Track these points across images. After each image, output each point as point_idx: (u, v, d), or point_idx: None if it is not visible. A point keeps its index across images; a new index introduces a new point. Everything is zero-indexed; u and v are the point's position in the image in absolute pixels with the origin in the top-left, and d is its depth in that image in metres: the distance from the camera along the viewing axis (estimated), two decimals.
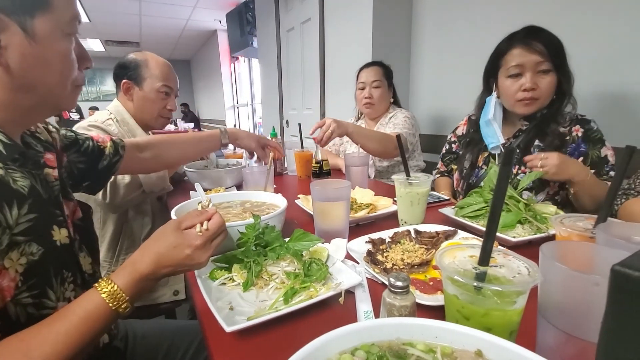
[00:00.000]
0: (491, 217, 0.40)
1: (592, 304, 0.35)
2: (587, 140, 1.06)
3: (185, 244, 0.56)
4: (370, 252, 0.76)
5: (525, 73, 1.05)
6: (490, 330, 0.40)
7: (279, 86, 3.33)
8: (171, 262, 0.56)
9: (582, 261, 0.40)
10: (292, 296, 0.56)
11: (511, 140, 1.16)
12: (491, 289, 0.38)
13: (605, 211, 0.53)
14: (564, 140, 1.07)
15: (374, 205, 1.05)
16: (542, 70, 1.04)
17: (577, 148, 1.06)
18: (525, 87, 1.05)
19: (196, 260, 0.57)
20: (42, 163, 0.63)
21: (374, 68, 1.69)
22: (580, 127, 1.07)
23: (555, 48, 1.03)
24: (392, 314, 0.47)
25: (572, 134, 1.07)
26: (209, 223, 0.59)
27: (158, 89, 1.33)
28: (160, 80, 1.33)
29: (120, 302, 0.51)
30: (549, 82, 1.04)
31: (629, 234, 0.48)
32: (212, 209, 0.64)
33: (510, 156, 0.38)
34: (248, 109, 6.81)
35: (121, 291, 0.52)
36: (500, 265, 0.43)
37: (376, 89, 1.67)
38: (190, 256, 0.56)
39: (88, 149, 0.86)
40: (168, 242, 0.56)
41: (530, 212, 0.85)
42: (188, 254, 0.56)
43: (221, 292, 0.61)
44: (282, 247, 0.63)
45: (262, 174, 1.05)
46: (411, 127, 1.62)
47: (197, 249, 0.57)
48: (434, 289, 0.63)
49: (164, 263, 0.55)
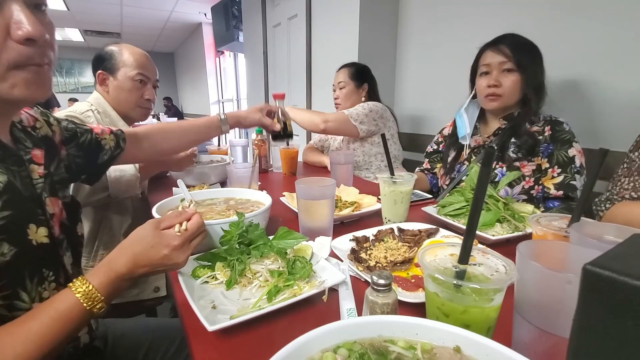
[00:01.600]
0: (471, 216, 0.41)
1: (565, 301, 0.36)
2: (555, 140, 1.11)
3: (163, 244, 0.56)
4: (354, 250, 0.77)
5: (491, 71, 1.16)
6: (468, 326, 0.41)
7: (264, 82, 3.30)
8: (148, 262, 0.55)
9: (556, 260, 0.42)
10: (275, 294, 0.56)
11: (491, 138, 1.23)
12: (470, 286, 0.39)
13: (578, 211, 0.55)
14: (536, 140, 1.12)
15: (358, 203, 1.05)
16: (506, 69, 1.13)
17: (547, 147, 1.11)
18: (490, 83, 1.15)
19: (174, 261, 0.57)
20: (27, 159, 0.60)
21: (342, 70, 1.76)
22: (551, 128, 1.12)
23: (520, 50, 1.12)
24: (375, 312, 0.48)
25: (545, 133, 1.12)
26: (188, 223, 0.59)
27: (132, 77, 1.31)
28: (135, 69, 1.31)
29: (95, 302, 0.50)
30: (512, 80, 1.13)
31: (600, 233, 0.50)
32: (191, 209, 0.64)
33: (490, 157, 0.39)
34: (233, 104, 6.72)
35: (96, 291, 0.51)
36: (479, 263, 0.44)
37: (341, 90, 1.74)
38: (167, 256, 0.56)
39: (85, 143, 0.83)
40: (145, 242, 0.55)
41: (509, 211, 0.87)
42: (165, 254, 0.56)
43: (204, 290, 0.60)
44: (266, 245, 0.63)
45: (246, 171, 1.04)
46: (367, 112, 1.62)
47: (174, 250, 0.56)
48: (415, 286, 0.64)
49: (141, 263, 0.55)
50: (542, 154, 1.12)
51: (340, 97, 1.75)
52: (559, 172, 1.09)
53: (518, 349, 0.43)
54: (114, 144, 0.89)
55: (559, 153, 1.09)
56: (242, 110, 1.20)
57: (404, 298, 0.57)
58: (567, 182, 1.08)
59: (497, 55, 1.14)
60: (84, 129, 0.84)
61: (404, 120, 2.19)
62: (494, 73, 1.15)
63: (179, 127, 1.06)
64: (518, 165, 1.15)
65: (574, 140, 1.10)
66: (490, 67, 1.16)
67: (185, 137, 1.06)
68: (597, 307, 0.26)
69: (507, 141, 1.16)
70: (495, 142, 1.19)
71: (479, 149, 1.26)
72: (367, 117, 1.61)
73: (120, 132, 0.93)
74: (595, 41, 1.29)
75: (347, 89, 1.73)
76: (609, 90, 1.27)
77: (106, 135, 0.89)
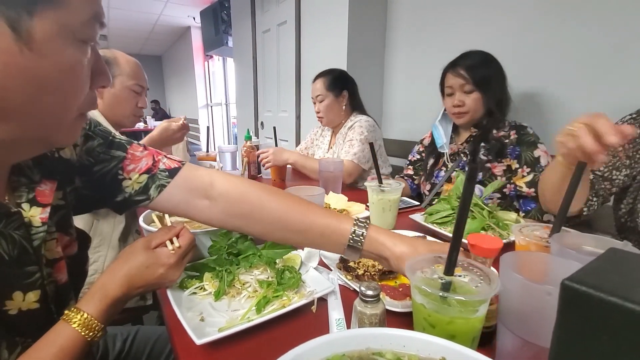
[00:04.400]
0: (456, 228, 0.42)
1: (545, 312, 0.38)
2: (521, 143, 1.20)
3: (159, 264, 0.56)
4: (342, 258, 0.77)
5: (455, 92, 1.27)
6: (454, 337, 0.42)
7: (254, 87, 3.30)
8: (144, 282, 0.55)
9: (538, 271, 0.43)
10: (264, 305, 0.56)
11: (464, 144, 1.35)
12: (455, 298, 0.40)
13: (559, 222, 0.57)
14: (503, 143, 1.23)
15: (347, 211, 1.06)
16: (466, 90, 1.24)
17: (513, 150, 1.21)
18: (455, 103, 1.27)
19: (169, 278, 0.57)
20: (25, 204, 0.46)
21: (317, 81, 1.69)
22: (516, 132, 1.22)
23: (477, 70, 1.22)
24: (363, 322, 0.48)
25: (510, 137, 1.22)
26: (180, 240, 0.59)
27: (130, 87, 1.32)
28: (132, 79, 1.32)
29: (96, 330, 0.49)
30: (473, 99, 1.24)
31: (579, 244, 0.52)
32: (179, 223, 0.63)
33: (474, 173, 0.40)
34: (222, 108, 6.69)
35: (94, 319, 0.49)
36: (464, 274, 0.45)
37: (321, 103, 1.68)
38: (163, 275, 0.56)
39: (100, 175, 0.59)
40: (139, 263, 0.55)
41: (494, 219, 0.90)
42: (161, 273, 0.56)
43: (192, 301, 0.60)
44: (255, 255, 0.63)
45: None
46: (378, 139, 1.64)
47: (170, 268, 0.57)
48: (403, 295, 0.65)
49: (136, 284, 0.54)
50: (510, 156, 1.22)
51: (322, 111, 1.69)
52: (528, 171, 1.18)
53: (501, 357, 0.44)
54: (139, 189, 0.59)
55: (526, 154, 1.19)
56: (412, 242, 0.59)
57: (392, 307, 0.58)
58: (536, 180, 1.16)
59: (456, 77, 1.24)
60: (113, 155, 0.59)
61: (393, 127, 2.22)
62: (457, 94, 1.26)
63: (293, 217, 0.60)
64: (489, 167, 1.24)
65: (538, 142, 1.19)
66: (452, 89, 1.27)
67: (293, 239, 0.62)
68: (575, 321, 0.27)
69: (478, 146, 1.28)
70: (468, 148, 1.32)
71: (455, 155, 1.36)
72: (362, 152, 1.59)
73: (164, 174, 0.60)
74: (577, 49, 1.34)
75: (327, 101, 1.67)
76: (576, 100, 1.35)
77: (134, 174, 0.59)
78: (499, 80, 1.25)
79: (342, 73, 1.73)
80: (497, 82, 1.24)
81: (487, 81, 1.22)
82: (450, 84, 1.27)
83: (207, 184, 0.61)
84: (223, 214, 0.60)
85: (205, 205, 0.61)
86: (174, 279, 0.58)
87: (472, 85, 1.22)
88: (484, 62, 1.24)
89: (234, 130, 6.27)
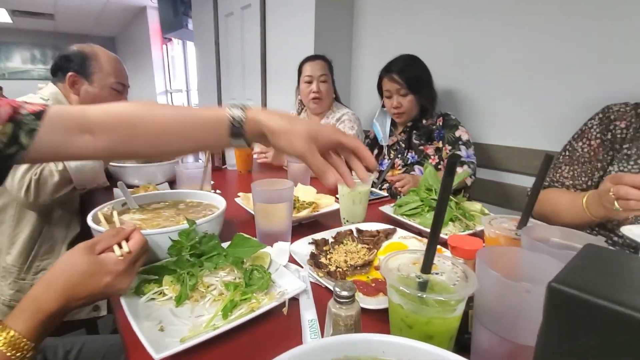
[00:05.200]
0: (434, 224, 0.41)
1: (523, 310, 0.37)
2: (445, 126, 1.46)
3: (104, 271, 0.50)
4: (313, 254, 0.74)
5: (392, 96, 1.46)
6: (432, 338, 0.41)
7: (217, 73, 3.15)
8: (86, 293, 0.49)
9: (512, 266, 0.43)
10: (231, 310, 0.52)
11: (402, 135, 1.56)
12: (435, 298, 0.38)
13: (526, 214, 0.58)
14: (431, 131, 1.48)
15: (316, 203, 1.04)
16: (401, 94, 1.44)
17: (439, 133, 1.47)
18: (394, 105, 1.46)
19: (117, 287, 0.52)
20: None
21: (320, 62, 1.66)
22: (442, 119, 1.47)
23: (410, 75, 1.41)
24: (338, 324, 0.46)
25: (437, 124, 1.48)
26: (130, 244, 0.54)
27: (111, 85, 1.24)
28: (114, 77, 1.24)
29: (25, 350, 0.42)
30: (409, 100, 1.45)
31: (547, 236, 0.53)
32: (129, 224, 0.57)
33: (453, 166, 0.38)
34: (183, 95, 6.36)
35: (22, 337, 0.42)
36: (440, 272, 0.44)
37: (324, 84, 1.65)
38: (110, 284, 0.51)
39: None
40: (81, 271, 0.48)
41: (460, 210, 0.91)
42: (108, 282, 0.50)
43: (150, 309, 0.55)
44: (220, 255, 0.59)
45: (198, 171, 0.97)
46: (360, 134, 1.68)
47: (118, 276, 0.51)
48: (376, 290, 0.64)
49: (77, 295, 0.48)
50: (436, 138, 1.47)
51: (323, 92, 1.65)
52: (450, 149, 1.44)
53: (477, 355, 0.44)
54: (7, 140, 0.52)
55: (448, 135, 1.44)
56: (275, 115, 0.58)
57: (367, 305, 0.56)
58: (454, 153, 1.38)
59: (392, 83, 1.43)
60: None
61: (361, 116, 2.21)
62: (395, 97, 1.45)
63: (159, 120, 0.58)
64: (422, 149, 1.48)
65: (459, 124, 1.45)
66: (390, 92, 1.46)
67: (169, 142, 0.59)
68: (562, 323, 0.26)
69: (411, 135, 1.52)
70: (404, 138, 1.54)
71: (394, 145, 1.58)
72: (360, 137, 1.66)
73: (30, 117, 0.53)
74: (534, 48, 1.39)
75: (329, 83, 1.66)
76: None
77: None
78: (427, 81, 1.46)
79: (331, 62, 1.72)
80: (426, 83, 1.46)
81: (419, 84, 1.43)
82: (387, 87, 1.45)
83: (81, 117, 0.56)
84: (108, 141, 0.56)
85: (87, 140, 0.56)
86: (123, 287, 0.52)
87: (406, 89, 1.41)
88: (413, 65, 1.44)
89: None
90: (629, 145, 0.88)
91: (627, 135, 0.90)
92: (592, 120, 0.98)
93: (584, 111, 1.10)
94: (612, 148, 0.93)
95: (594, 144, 0.96)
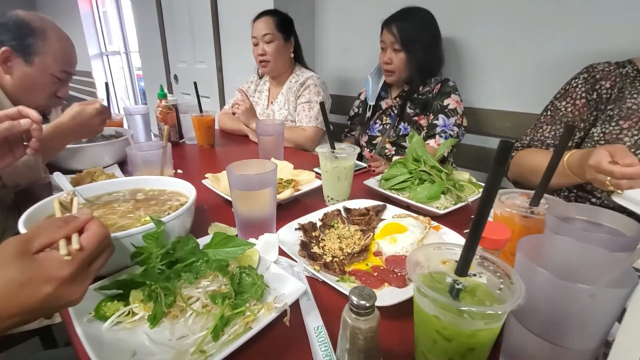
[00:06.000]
0: (476, 222, 0.34)
1: (586, 314, 0.32)
2: (439, 94, 1.30)
3: (42, 279, 0.36)
4: (304, 243, 0.66)
5: (386, 49, 1.31)
6: (473, 350, 0.35)
7: (160, 32, 2.79)
8: (18, 309, 0.35)
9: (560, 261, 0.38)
10: (222, 328, 0.43)
11: (397, 99, 1.41)
12: (488, 312, 0.32)
13: (541, 189, 0.53)
14: (427, 100, 1.32)
15: (295, 181, 0.94)
16: (395, 48, 1.28)
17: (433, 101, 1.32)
18: (385, 60, 1.31)
19: (65, 300, 0.38)
20: None
21: (265, 19, 1.46)
22: (440, 86, 1.30)
23: (407, 33, 1.25)
24: (357, 338, 0.39)
25: (434, 91, 1.31)
26: (83, 238, 0.39)
27: (54, 73, 1.04)
28: (61, 64, 1.04)
29: None
30: (400, 58, 1.29)
31: (570, 214, 0.49)
32: (84, 212, 0.43)
33: (506, 154, 0.30)
34: (121, 58, 5.66)
35: None
36: (478, 273, 0.37)
37: (269, 44, 1.46)
38: (52, 295, 0.36)
39: None
40: (9, 279, 0.35)
41: (451, 181, 0.86)
42: (48, 292, 0.36)
43: (117, 336, 0.44)
44: (201, 261, 0.48)
45: (155, 154, 0.81)
46: (327, 99, 1.57)
47: (64, 284, 0.37)
48: (380, 281, 0.58)
49: (6, 312, 0.35)
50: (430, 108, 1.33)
51: (270, 53, 1.47)
52: (432, 118, 1.30)
53: (510, 355, 0.39)
54: None
55: (436, 103, 1.29)
56: None
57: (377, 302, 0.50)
58: (432, 122, 1.29)
59: (389, 34, 1.27)
60: None
61: (327, 80, 2.07)
62: (388, 50, 1.30)
63: None
64: (416, 120, 1.34)
65: (453, 92, 1.28)
66: (385, 44, 1.31)
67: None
68: None
69: (406, 103, 1.36)
70: (397, 104, 1.40)
71: (389, 109, 1.43)
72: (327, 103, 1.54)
73: None
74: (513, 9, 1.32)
75: (276, 43, 1.46)
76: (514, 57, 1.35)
77: None
78: (430, 43, 1.28)
79: (289, 18, 1.53)
80: (428, 45, 1.27)
81: (414, 42, 1.26)
82: (383, 38, 1.31)
83: None
84: None
85: None
86: (73, 299, 0.38)
87: (399, 44, 1.26)
88: (419, 24, 1.26)
89: (139, 84, 5.44)
90: (612, 106, 0.87)
91: (612, 95, 0.88)
92: (576, 79, 0.96)
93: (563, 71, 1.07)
94: (596, 108, 0.92)
95: (579, 103, 0.94)
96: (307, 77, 1.52)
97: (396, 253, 0.63)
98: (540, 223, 0.51)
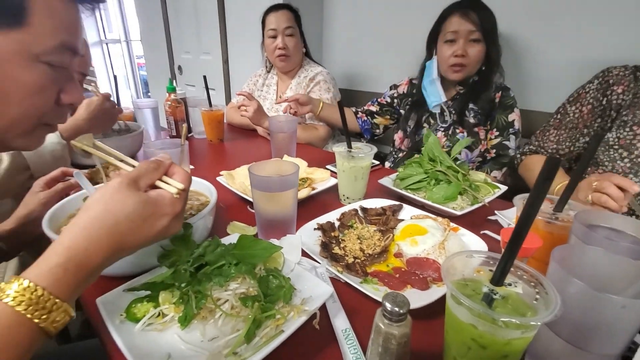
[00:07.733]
0: (517, 233, 0.34)
1: (617, 324, 0.33)
2: (501, 105, 1.17)
3: (160, 213, 0.41)
4: (324, 243, 0.67)
5: (458, 40, 1.11)
6: (507, 356, 0.36)
7: (164, 22, 2.75)
8: (137, 241, 0.40)
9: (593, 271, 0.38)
10: (254, 331, 0.44)
11: (449, 102, 1.23)
12: (530, 323, 0.32)
13: (566, 195, 0.53)
14: (493, 106, 1.16)
15: (310, 179, 0.94)
16: (473, 39, 1.10)
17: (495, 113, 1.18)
18: (457, 53, 1.11)
19: (172, 231, 0.44)
20: None
21: (285, 12, 1.45)
22: (501, 94, 1.17)
23: (488, 21, 1.10)
24: (390, 344, 0.40)
25: (495, 100, 1.17)
26: (179, 179, 0.44)
27: None
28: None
29: (54, 311, 0.32)
30: (478, 50, 1.11)
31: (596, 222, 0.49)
32: (164, 155, 0.46)
33: (554, 169, 0.31)
34: (122, 46, 5.59)
35: (52, 297, 0.32)
36: (513, 282, 0.38)
37: (290, 37, 1.45)
38: (166, 227, 0.42)
39: None
40: (133, 215, 0.39)
41: (467, 181, 0.87)
42: (165, 225, 0.41)
43: (150, 338, 0.45)
44: (230, 265, 0.49)
45: (175, 152, 0.81)
46: (337, 95, 1.55)
47: (175, 218, 0.43)
48: (402, 283, 0.58)
49: (127, 245, 0.39)
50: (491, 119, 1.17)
51: (291, 48, 1.45)
52: (496, 134, 1.17)
53: (535, 356, 0.40)
54: None
55: (500, 117, 1.16)
56: None
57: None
58: (501, 142, 1.17)
59: (466, 22, 1.08)
60: None
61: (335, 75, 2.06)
62: (461, 42, 1.10)
63: None
64: (477, 131, 1.18)
65: (515, 105, 1.17)
66: (457, 35, 1.11)
67: None
68: None
69: (465, 107, 1.18)
70: (454, 107, 1.21)
71: (443, 112, 1.25)
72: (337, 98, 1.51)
73: None
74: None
75: (296, 37, 1.46)
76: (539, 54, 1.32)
77: None
78: (497, 36, 1.14)
79: (298, 11, 1.51)
80: (497, 37, 1.13)
81: (493, 33, 1.10)
82: (455, 28, 1.10)
83: None
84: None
85: None
86: (176, 230, 0.44)
87: (480, 33, 1.08)
88: (492, 15, 1.10)
89: (141, 74, 5.38)
90: (627, 112, 0.87)
91: (625, 101, 0.88)
92: (590, 83, 0.96)
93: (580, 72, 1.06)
94: (602, 115, 0.92)
95: (585, 110, 0.94)
96: (317, 72, 1.51)
97: (417, 255, 0.63)
98: (564, 229, 0.52)
